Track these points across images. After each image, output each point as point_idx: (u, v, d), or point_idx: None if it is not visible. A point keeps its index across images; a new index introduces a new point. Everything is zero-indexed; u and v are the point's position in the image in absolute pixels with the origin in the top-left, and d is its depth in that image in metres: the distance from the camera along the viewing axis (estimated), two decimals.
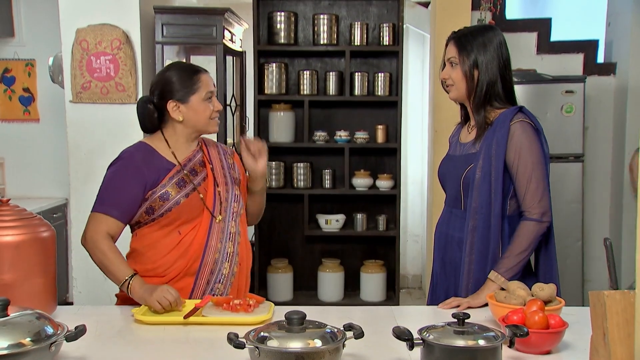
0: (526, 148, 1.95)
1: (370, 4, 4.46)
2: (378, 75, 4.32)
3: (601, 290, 1.48)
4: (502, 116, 1.99)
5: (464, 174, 2.02)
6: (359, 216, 4.35)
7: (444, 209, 2.20)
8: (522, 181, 1.96)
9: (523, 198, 1.98)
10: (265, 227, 4.56)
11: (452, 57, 2.04)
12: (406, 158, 5.30)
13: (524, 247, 1.95)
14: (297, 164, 4.36)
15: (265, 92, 4.32)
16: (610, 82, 4.38)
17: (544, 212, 1.97)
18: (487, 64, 2.01)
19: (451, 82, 2.06)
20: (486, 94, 2.02)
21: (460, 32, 2.07)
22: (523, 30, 4.35)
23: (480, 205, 1.97)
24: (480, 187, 1.97)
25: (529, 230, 1.96)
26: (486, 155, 1.98)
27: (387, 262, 4.52)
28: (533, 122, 2.00)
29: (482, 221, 1.97)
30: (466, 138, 2.13)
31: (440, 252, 2.18)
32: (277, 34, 4.27)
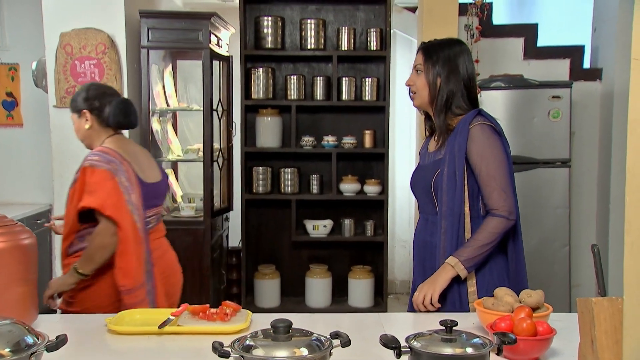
0: (488, 149, 2.01)
1: (357, 9, 4.45)
2: (365, 80, 4.31)
3: (589, 297, 1.48)
4: (462, 121, 2.06)
5: (433, 179, 2.08)
6: (347, 221, 4.34)
7: (420, 217, 2.22)
8: (487, 181, 2.01)
9: (489, 197, 2.02)
10: (252, 232, 4.54)
11: (419, 65, 2.12)
12: (394, 163, 5.28)
13: (488, 241, 1.99)
14: (285, 169, 4.34)
15: (252, 97, 4.29)
16: (597, 87, 4.39)
17: (510, 210, 2.00)
18: (449, 75, 2.08)
19: (415, 89, 2.14)
20: (447, 102, 2.09)
21: (429, 43, 2.15)
22: (510, 36, 4.36)
23: (449, 208, 2.02)
24: (448, 190, 2.02)
25: (495, 225, 2.00)
26: (450, 159, 2.04)
27: (375, 267, 4.49)
28: (492, 123, 2.05)
29: (452, 223, 2.02)
30: (433, 147, 2.19)
31: (420, 260, 2.20)
32: (264, 38, 4.25)
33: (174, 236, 3.76)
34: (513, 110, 3.97)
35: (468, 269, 2.02)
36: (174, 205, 4.32)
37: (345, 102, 4.30)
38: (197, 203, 4.17)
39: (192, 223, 4.00)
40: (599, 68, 4.41)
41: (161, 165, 2.71)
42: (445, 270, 2.02)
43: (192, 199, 4.27)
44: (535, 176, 3.93)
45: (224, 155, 4.32)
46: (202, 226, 3.98)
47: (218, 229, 4.27)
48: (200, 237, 3.98)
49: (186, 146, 4.34)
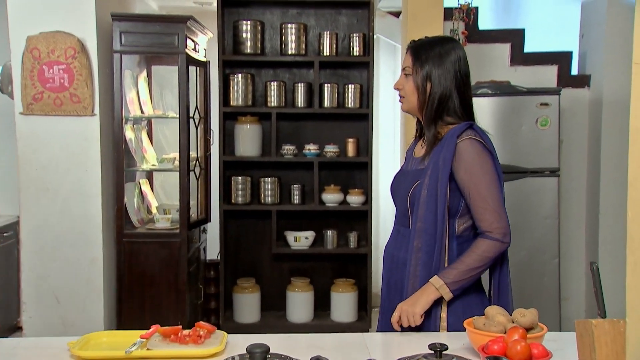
0: (477, 167, 1.88)
1: (339, 14, 4.42)
2: (348, 87, 4.28)
3: (588, 319, 1.40)
4: (451, 132, 1.93)
5: (411, 190, 1.96)
6: (329, 233, 4.29)
7: (393, 227, 2.11)
8: (478, 202, 1.89)
9: (481, 219, 1.90)
10: (231, 245, 4.48)
11: (407, 67, 1.99)
12: (377, 172, 5.21)
13: (477, 264, 1.88)
14: (265, 179, 4.29)
15: (230, 103, 4.24)
16: (585, 94, 4.37)
17: (505, 233, 1.89)
18: (440, 77, 1.95)
19: (403, 93, 2.01)
20: (438, 108, 1.96)
21: (418, 42, 2.01)
22: (496, 41, 4.32)
23: (426, 225, 1.90)
24: (426, 205, 1.90)
25: (487, 249, 1.89)
26: (433, 172, 1.91)
27: (358, 280, 4.46)
28: (483, 139, 1.92)
29: (427, 241, 1.90)
30: (419, 152, 2.06)
31: (387, 274, 2.09)
32: (243, 43, 4.20)
33: (148, 249, 3.89)
34: (500, 118, 3.92)
35: (453, 292, 1.89)
36: (148, 217, 4.22)
37: (327, 110, 4.27)
38: (173, 214, 4.08)
39: (168, 235, 3.92)
40: (587, 74, 4.39)
41: None
42: (427, 292, 1.89)
43: (168, 210, 4.17)
44: (523, 186, 3.88)
45: (201, 164, 4.25)
46: (178, 239, 3.90)
47: (195, 242, 4.21)
48: (176, 250, 3.90)
49: (162, 155, 4.25)
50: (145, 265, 3.87)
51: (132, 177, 4.12)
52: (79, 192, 3.70)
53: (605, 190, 4.14)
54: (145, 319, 3.82)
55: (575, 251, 4.36)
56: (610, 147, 4.14)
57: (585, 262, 4.36)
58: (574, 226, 4.36)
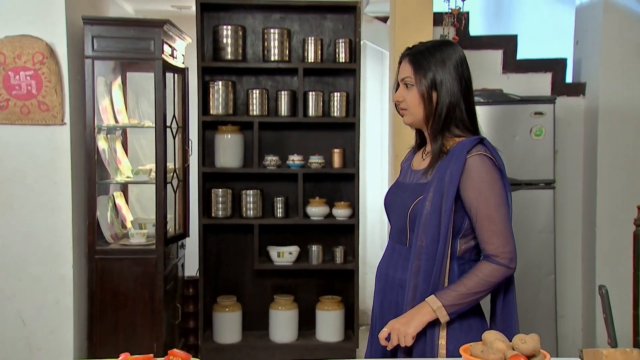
0: (486, 186, 1.80)
1: (324, 18, 4.35)
2: (334, 95, 4.22)
3: (598, 349, 1.27)
4: (459, 146, 1.83)
5: (412, 206, 1.86)
6: (314, 248, 4.23)
7: (388, 244, 2.01)
8: (486, 224, 1.80)
9: (487, 241, 1.81)
10: (211, 260, 4.38)
11: (407, 77, 1.88)
12: (365, 184, 5.17)
13: (479, 289, 1.80)
14: (246, 192, 4.22)
15: (210, 112, 4.18)
16: (580, 103, 4.29)
17: (512, 258, 1.80)
18: (447, 84, 1.85)
19: (405, 105, 1.91)
20: (446, 119, 1.86)
21: (415, 49, 1.91)
22: (488, 48, 4.24)
23: (427, 244, 1.80)
24: (428, 223, 1.81)
25: (491, 273, 1.80)
26: (438, 188, 1.82)
27: (345, 297, 4.39)
28: (494, 157, 1.84)
29: (427, 262, 1.81)
30: (419, 165, 1.97)
31: (379, 294, 1.98)
32: (224, 49, 4.14)
33: (122, 266, 3.75)
34: (493, 128, 3.81)
35: (450, 316, 1.79)
36: (123, 232, 4.09)
37: (312, 119, 4.21)
38: (149, 229, 3.95)
39: (143, 251, 3.79)
40: (582, 82, 4.32)
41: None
42: (423, 312, 1.79)
43: (144, 225, 4.04)
44: (518, 198, 3.77)
45: (179, 176, 4.13)
46: (154, 255, 3.77)
47: (172, 258, 4.07)
48: (152, 267, 3.77)
49: (137, 166, 4.12)
50: (119, 284, 3.73)
51: (105, 189, 4.00)
52: (47, 206, 3.56)
53: (602, 203, 4.07)
54: (119, 341, 3.68)
55: (571, 266, 4.27)
56: (606, 158, 4.08)
57: (582, 277, 4.27)
58: (569, 240, 4.27)
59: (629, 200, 3.91)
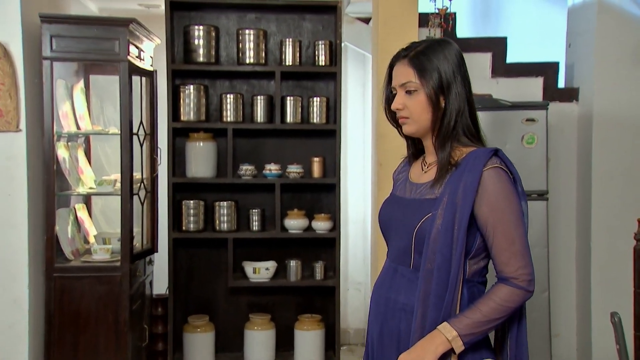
0: (505, 202, 1.69)
1: (303, 19, 4.27)
2: (313, 100, 4.14)
3: None
4: (473, 158, 1.72)
5: (419, 225, 1.74)
6: (293, 263, 4.13)
7: (386, 264, 1.88)
8: (505, 244, 1.69)
9: (505, 262, 1.70)
10: (181, 277, 4.24)
11: (409, 82, 1.76)
12: (346, 195, 5.06)
13: (497, 315, 1.68)
14: (220, 203, 4.10)
15: (181, 118, 4.07)
16: (573, 109, 4.21)
17: (531, 280, 1.70)
18: (455, 87, 1.75)
19: (407, 113, 1.78)
20: (455, 125, 1.76)
21: (413, 50, 1.79)
22: (476, 51, 4.14)
23: (438, 267, 1.70)
24: (440, 242, 1.70)
25: (511, 298, 1.68)
26: (450, 204, 1.70)
27: (325, 316, 4.29)
28: (510, 170, 1.74)
29: (438, 286, 1.70)
30: (420, 178, 1.85)
31: (378, 319, 1.85)
32: (195, 51, 4.04)
33: (83, 285, 3.59)
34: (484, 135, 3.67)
35: (465, 345, 1.68)
36: (85, 247, 3.92)
37: (290, 125, 4.14)
38: (114, 244, 3.80)
39: (107, 269, 3.66)
40: (575, 87, 4.24)
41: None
42: (436, 343, 1.67)
43: (108, 240, 3.87)
44: None
45: (147, 187, 3.99)
46: (119, 272, 3.64)
47: (139, 275, 3.94)
48: (117, 286, 3.63)
49: (101, 177, 3.96)
50: (80, 304, 3.58)
51: (66, 202, 3.83)
52: (0, 220, 3.38)
53: (597, 215, 3.98)
54: None
55: (565, 283, 4.16)
56: (601, 167, 3.99)
57: (577, 294, 4.17)
58: (563, 255, 4.17)
59: (626, 211, 3.83)
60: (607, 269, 3.92)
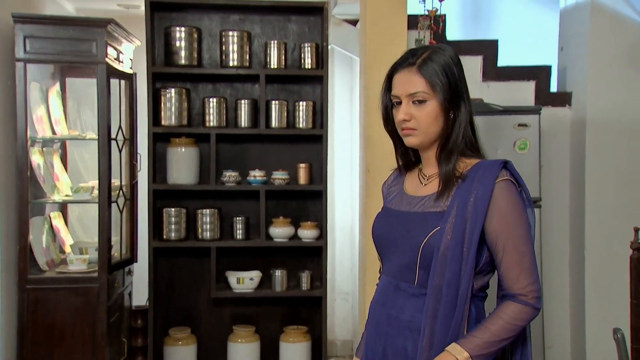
0: (516, 216, 1.68)
1: (288, 20, 4.25)
2: (299, 104, 4.12)
3: None
4: (482, 169, 1.70)
5: (426, 240, 1.70)
6: (278, 273, 4.10)
7: (384, 281, 1.82)
8: (515, 257, 1.67)
9: (514, 278, 1.68)
10: (162, 288, 4.20)
11: (420, 92, 1.72)
12: (333, 202, 5.02)
13: (507, 335, 1.66)
14: (202, 211, 4.07)
15: (161, 123, 4.06)
16: (566, 114, 4.14)
17: (538, 297, 1.68)
18: (463, 94, 1.73)
19: (415, 124, 1.73)
20: (464, 136, 1.74)
21: (421, 57, 1.74)
22: (467, 54, 4.04)
23: (447, 283, 1.67)
24: (450, 258, 1.67)
25: (520, 316, 1.66)
26: (459, 217, 1.68)
27: (312, 327, 4.27)
28: (520, 183, 1.74)
29: (448, 304, 1.67)
30: (419, 190, 1.81)
31: (380, 338, 1.79)
32: (177, 53, 4.03)
33: (59, 297, 3.49)
34: None
35: None
36: (60, 257, 3.82)
37: (275, 130, 4.11)
38: (91, 254, 3.70)
39: (84, 280, 3.57)
40: (567, 92, 4.17)
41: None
42: None
43: (85, 249, 3.76)
44: None
45: (126, 194, 3.92)
46: (96, 283, 3.55)
47: (118, 286, 3.85)
48: (94, 297, 3.54)
49: (78, 184, 3.87)
50: (55, 317, 3.47)
51: (41, 210, 3.74)
52: None
53: (591, 222, 3.90)
54: None
55: (558, 293, 4.09)
56: (595, 173, 3.91)
57: (570, 305, 4.10)
58: (556, 264, 4.10)
59: (621, 219, 3.77)
60: (602, 278, 3.85)
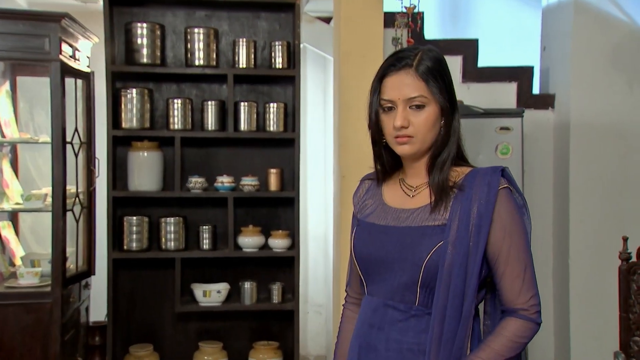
0: (517, 225, 1.66)
1: (258, 17, 4.18)
2: (269, 106, 4.04)
3: None
4: (480, 177, 1.65)
5: (429, 257, 1.63)
6: (247, 285, 4.02)
7: (373, 303, 1.72)
8: (517, 270, 1.64)
9: (516, 292, 1.65)
10: (122, 302, 4.09)
11: (419, 97, 1.65)
12: (306, 210, 4.97)
13: (510, 353, 1.63)
14: (166, 219, 3.98)
15: (122, 125, 3.95)
16: (549, 117, 4.11)
17: (539, 311, 1.66)
18: (456, 99, 1.71)
19: (412, 131, 1.66)
20: (459, 143, 1.71)
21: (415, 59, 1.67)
22: (445, 53, 3.80)
23: (452, 300, 1.63)
24: (454, 274, 1.62)
25: (523, 332, 1.63)
26: (462, 230, 1.63)
27: (283, 342, 4.19)
28: (518, 192, 1.72)
29: (451, 323, 1.63)
30: (405, 203, 1.73)
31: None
32: (138, 51, 3.93)
33: (7, 315, 3.33)
34: None
35: None
36: (10, 270, 3.68)
37: (244, 134, 4.04)
38: (44, 267, 3.57)
39: (36, 295, 3.44)
40: (550, 94, 4.13)
41: None
42: None
43: (37, 262, 3.62)
44: None
45: (83, 202, 3.81)
46: (49, 299, 3.42)
47: (73, 301, 3.72)
48: (47, 314, 3.41)
49: (30, 191, 3.73)
50: (2, 337, 3.33)
51: None
52: None
53: (575, 231, 3.87)
54: None
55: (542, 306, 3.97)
56: (579, 179, 3.89)
57: (554, 319, 4.04)
58: (539, 275, 3.87)
59: (607, 227, 3.74)
60: (588, 290, 3.81)
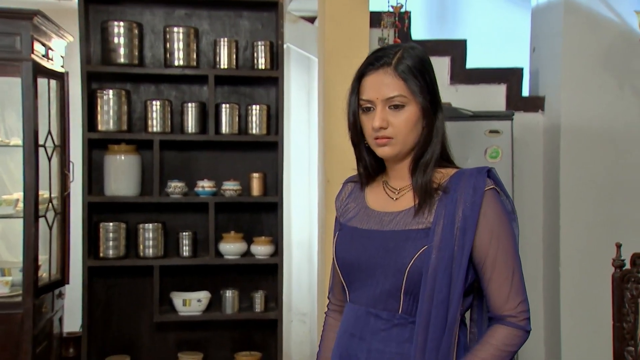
0: (504, 228, 1.63)
1: (240, 16, 4.11)
2: (252, 108, 3.99)
3: None
4: (465, 178, 1.62)
5: (412, 262, 1.61)
6: (229, 294, 3.96)
7: (354, 310, 1.69)
8: (505, 274, 1.62)
9: (505, 298, 1.63)
10: (98, 312, 4.01)
11: (399, 96, 1.62)
12: (289, 215, 4.92)
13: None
14: (144, 225, 3.92)
15: (98, 128, 3.88)
16: (539, 119, 4.10)
17: (528, 318, 1.64)
18: (439, 102, 1.67)
19: (392, 132, 1.64)
20: (443, 144, 1.68)
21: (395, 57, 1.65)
22: (433, 54, 3.94)
23: (437, 308, 1.60)
24: (438, 280, 1.60)
25: (511, 341, 1.61)
26: (447, 233, 1.60)
27: (266, 352, 4.11)
28: (505, 193, 1.69)
29: (436, 331, 1.61)
30: (387, 206, 1.71)
31: None
32: (115, 50, 3.86)
33: None
34: None
35: None
36: None
37: (225, 137, 3.99)
38: (15, 275, 3.54)
39: (6, 305, 3.41)
40: (540, 96, 4.13)
41: None
42: None
43: (8, 271, 3.58)
44: None
45: (56, 207, 3.76)
46: (20, 309, 3.38)
47: (46, 311, 3.65)
48: (17, 326, 3.37)
49: (1, 195, 3.69)
50: None
51: None
52: None
53: (566, 237, 3.85)
54: None
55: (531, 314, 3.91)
56: (570, 184, 3.87)
57: (545, 328, 4.02)
58: (529, 283, 3.89)
59: (599, 233, 3.72)
60: (579, 298, 3.80)
